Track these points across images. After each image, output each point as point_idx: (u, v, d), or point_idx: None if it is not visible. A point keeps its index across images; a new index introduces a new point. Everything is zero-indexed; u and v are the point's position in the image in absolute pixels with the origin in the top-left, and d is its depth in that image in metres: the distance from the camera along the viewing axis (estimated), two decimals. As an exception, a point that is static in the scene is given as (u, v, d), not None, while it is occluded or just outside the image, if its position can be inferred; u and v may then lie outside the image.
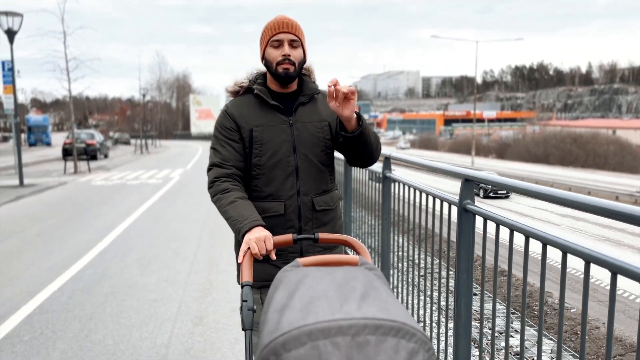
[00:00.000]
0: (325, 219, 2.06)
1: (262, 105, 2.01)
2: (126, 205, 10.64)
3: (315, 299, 1.06)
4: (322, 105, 2.08)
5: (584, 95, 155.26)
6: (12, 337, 3.82)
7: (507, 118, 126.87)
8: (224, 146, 1.99)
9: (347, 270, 1.21)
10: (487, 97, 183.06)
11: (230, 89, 2.11)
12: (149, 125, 49.76)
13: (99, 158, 28.72)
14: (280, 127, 1.99)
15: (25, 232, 7.97)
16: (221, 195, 1.94)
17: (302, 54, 2.00)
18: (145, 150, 40.08)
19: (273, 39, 1.95)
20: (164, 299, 4.67)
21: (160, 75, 77.33)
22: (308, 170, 2.01)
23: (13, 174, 18.34)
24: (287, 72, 1.95)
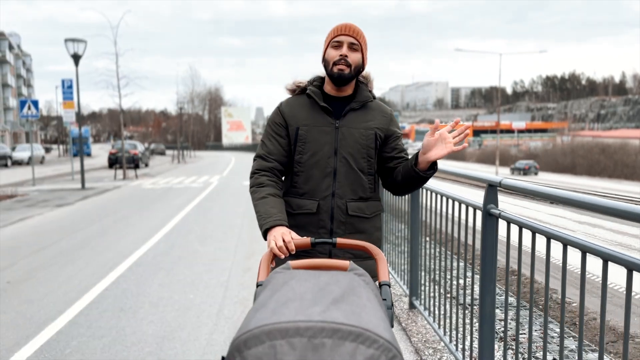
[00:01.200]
0: (360, 227, 2.07)
1: (313, 106, 2.07)
2: (178, 202, 12.57)
3: (290, 300, 1.08)
4: (373, 114, 2.10)
5: (617, 105, 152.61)
6: (120, 281, 5.63)
7: (538, 129, 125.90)
8: (271, 140, 2.09)
9: (333, 274, 1.23)
10: (517, 108, 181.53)
11: (288, 87, 2.18)
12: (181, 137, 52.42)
13: (141, 166, 31.01)
14: (325, 129, 2.05)
15: (103, 221, 9.91)
16: (257, 188, 2.03)
17: (361, 59, 2.04)
18: (182, 159, 42.51)
19: (334, 40, 2.01)
20: (221, 259, 6.43)
21: (193, 88, 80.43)
22: (346, 174, 2.04)
23: (70, 180, 20.61)
24: (341, 73, 1.99)
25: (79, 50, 16.43)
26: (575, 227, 20.39)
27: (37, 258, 6.71)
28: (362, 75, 2.14)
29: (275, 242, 1.79)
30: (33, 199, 13.90)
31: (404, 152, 2.16)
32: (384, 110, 2.15)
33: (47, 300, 4.91)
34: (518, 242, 2.27)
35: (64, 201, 13.18)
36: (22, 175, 24.14)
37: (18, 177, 22.90)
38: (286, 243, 1.79)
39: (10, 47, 72.85)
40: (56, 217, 10.47)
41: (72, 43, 16.27)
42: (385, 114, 2.14)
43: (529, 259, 2.33)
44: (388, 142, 2.13)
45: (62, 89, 21.28)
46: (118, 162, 25.12)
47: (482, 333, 2.75)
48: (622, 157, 58.63)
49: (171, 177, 22.82)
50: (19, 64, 79.56)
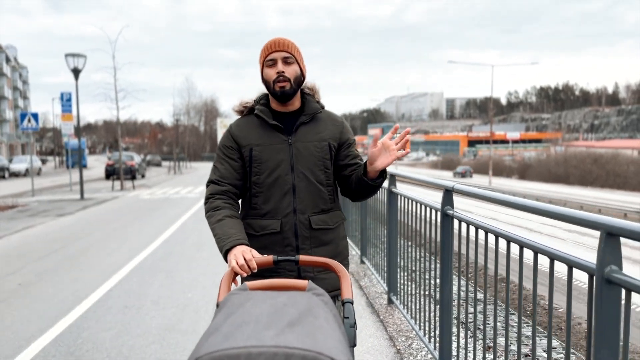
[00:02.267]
0: (325, 239, 2.07)
1: (263, 125, 2.06)
2: (175, 212, 12.99)
3: (244, 324, 1.05)
4: (324, 125, 2.11)
5: (611, 116, 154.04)
6: (123, 283, 6.06)
7: (532, 139, 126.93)
8: (223, 164, 2.07)
9: (291, 295, 1.22)
10: (512, 118, 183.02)
11: (236, 108, 2.16)
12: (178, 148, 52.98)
13: (137, 178, 31.40)
14: (278, 147, 2.03)
15: (103, 229, 10.32)
16: (212, 212, 2.00)
17: (298, 71, 2.03)
18: (178, 170, 42.94)
19: (267, 59, 2.01)
20: (216, 264, 6.86)
21: (189, 100, 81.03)
22: (305, 189, 2.03)
23: (69, 191, 21.01)
24: (283, 89, 1.99)
25: (78, 65, 16.91)
26: (564, 235, 21.02)
27: (43, 263, 7.13)
28: (308, 87, 2.14)
29: (236, 261, 1.76)
30: (34, 209, 14.30)
31: (358, 157, 2.16)
32: (334, 119, 2.16)
33: (57, 299, 5.34)
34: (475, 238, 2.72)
35: (65, 211, 13.59)
36: (20, 187, 24.51)
37: (17, 189, 23.27)
38: (247, 261, 1.77)
39: (7, 60, 73.34)
40: (58, 226, 10.88)
41: (72, 58, 16.76)
42: (336, 123, 2.15)
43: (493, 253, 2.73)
44: (341, 150, 2.13)
45: (61, 102, 21.77)
46: (115, 174, 25.52)
47: (442, 315, 3.21)
48: (614, 167, 59.33)
49: (168, 187, 23.23)
50: (16, 76, 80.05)
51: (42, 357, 3.82)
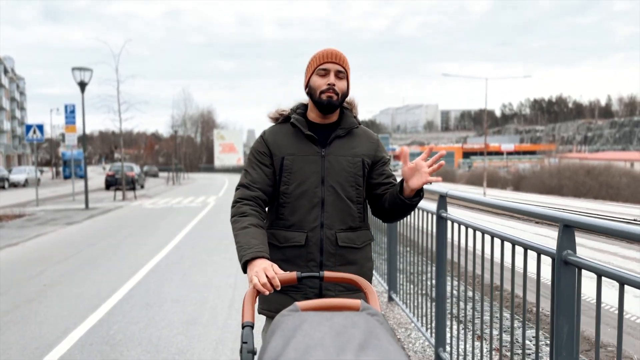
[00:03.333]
0: (350, 258, 2.01)
1: (297, 134, 2.01)
2: (180, 220, 13.45)
3: (311, 347, 1.03)
4: (359, 141, 2.06)
5: (604, 128, 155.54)
6: (142, 283, 6.51)
7: (526, 151, 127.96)
8: (255, 169, 2.02)
9: (347, 316, 1.18)
10: (506, 130, 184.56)
11: (271, 115, 2.12)
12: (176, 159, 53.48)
13: (137, 188, 31.79)
14: (311, 158, 1.98)
15: (114, 236, 10.77)
16: (238, 217, 1.94)
17: (346, 87, 2.01)
18: (176, 181, 43.35)
19: (320, 67, 1.96)
20: (227, 266, 7.31)
21: (186, 111, 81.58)
22: (334, 204, 1.98)
23: (72, 201, 21.40)
24: (330, 100, 1.94)
25: (85, 78, 17.40)
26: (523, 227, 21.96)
27: (63, 266, 7.58)
28: (347, 101, 2.10)
29: (258, 279, 1.67)
30: (42, 218, 14.72)
31: (392, 177, 2.10)
32: (370, 136, 2.12)
33: (83, 298, 5.79)
34: (465, 237, 3.21)
35: (72, 220, 14.01)
36: (22, 197, 24.88)
37: (19, 199, 23.63)
38: (270, 279, 1.67)
39: (5, 71, 73.81)
40: (69, 233, 11.32)
41: (79, 71, 17.26)
42: (372, 140, 2.11)
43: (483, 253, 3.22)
44: (375, 168, 2.08)
45: (65, 114, 22.21)
46: (117, 184, 25.90)
47: (438, 308, 3.69)
48: (607, 179, 60.04)
49: (169, 197, 23.66)
50: (13, 87, 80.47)
51: (80, 345, 4.27)
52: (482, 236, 2.94)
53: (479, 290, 5.11)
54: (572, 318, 2.14)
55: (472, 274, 3.20)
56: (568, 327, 2.15)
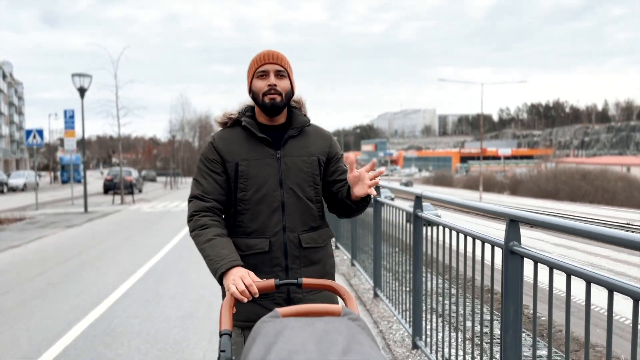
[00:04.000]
0: (314, 258, 1.99)
1: (249, 138, 1.97)
2: (177, 223, 13.75)
3: (293, 353, 1.02)
4: (312, 139, 2.04)
5: (600, 133, 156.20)
6: (140, 282, 6.83)
7: (524, 155, 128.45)
8: (206, 178, 1.96)
9: (328, 321, 1.18)
10: (504, 135, 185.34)
11: (219, 119, 2.06)
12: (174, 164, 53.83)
13: (135, 192, 32.11)
14: (267, 161, 1.95)
15: (113, 238, 11.07)
16: (199, 231, 1.88)
17: (289, 85, 1.98)
18: (174, 185, 43.68)
19: (259, 70, 1.94)
20: (222, 267, 7.64)
21: (184, 116, 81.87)
22: (295, 206, 1.95)
23: (70, 205, 21.68)
24: (273, 102, 1.92)
25: (84, 84, 17.74)
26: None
27: (65, 267, 7.88)
28: (294, 100, 2.06)
29: (236, 286, 1.64)
30: (42, 221, 15.01)
31: (346, 172, 2.08)
32: (322, 133, 2.10)
33: (85, 295, 6.09)
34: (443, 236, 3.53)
35: (72, 223, 14.31)
36: (21, 201, 25.14)
37: (18, 203, 23.90)
38: (248, 286, 1.65)
39: (3, 76, 74.11)
40: (70, 236, 11.62)
41: (79, 77, 17.60)
42: (325, 137, 2.10)
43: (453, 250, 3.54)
44: (330, 165, 2.07)
45: (64, 119, 22.57)
46: (116, 188, 26.20)
47: (415, 300, 4.02)
48: (603, 183, 60.42)
49: (167, 201, 23.96)
50: (12, 92, 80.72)
51: (83, 337, 4.58)
52: (449, 232, 3.28)
53: (453, 283, 5.44)
54: (517, 299, 2.47)
55: (444, 266, 3.52)
56: (514, 308, 2.48)
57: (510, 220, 2.47)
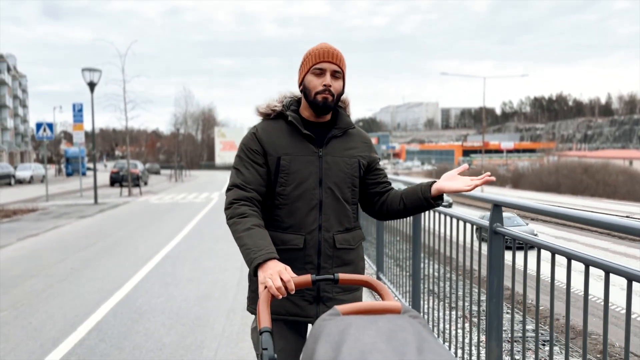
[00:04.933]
0: (346, 259, 1.99)
1: (293, 133, 1.95)
2: (186, 214, 14.22)
3: (366, 353, 0.99)
4: (355, 141, 2.04)
5: (603, 126, 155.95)
6: (158, 267, 7.28)
7: (526, 149, 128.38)
8: (248, 168, 1.94)
9: (390, 319, 1.15)
10: (507, 128, 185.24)
11: (262, 110, 2.02)
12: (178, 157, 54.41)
13: (141, 185, 32.59)
14: (309, 159, 1.93)
15: (126, 228, 11.53)
16: (238, 219, 1.85)
17: (342, 87, 1.96)
18: (178, 178, 44.17)
19: (316, 67, 1.90)
20: (234, 253, 8.07)
21: (187, 109, 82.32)
22: (332, 206, 1.95)
23: (79, 196, 22.16)
24: (325, 102, 1.90)
25: (94, 79, 18.15)
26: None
27: (84, 253, 8.35)
28: (341, 100, 2.04)
29: (272, 282, 1.61)
30: (55, 212, 15.49)
31: (386, 176, 2.14)
32: (364, 137, 2.11)
33: (107, 279, 6.55)
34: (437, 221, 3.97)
35: (85, 213, 14.79)
36: (30, 193, 25.64)
37: (27, 195, 24.40)
38: (285, 282, 1.62)
39: (8, 69, 74.49)
40: (84, 226, 12.10)
41: (89, 72, 18.01)
42: (366, 141, 2.11)
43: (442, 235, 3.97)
44: (372, 169, 2.08)
45: (73, 112, 22.95)
46: (122, 180, 26.66)
47: (414, 282, 4.45)
48: (604, 177, 60.62)
49: (173, 193, 24.43)
50: (16, 84, 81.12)
51: (112, 314, 5.04)
52: (439, 216, 3.71)
53: (447, 266, 5.88)
54: (499, 273, 2.90)
55: (438, 253, 3.95)
56: (497, 281, 2.91)
57: (494, 205, 2.90)
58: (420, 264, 4.43)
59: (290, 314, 1.93)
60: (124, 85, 23.32)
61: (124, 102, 23.52)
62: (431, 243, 4.07)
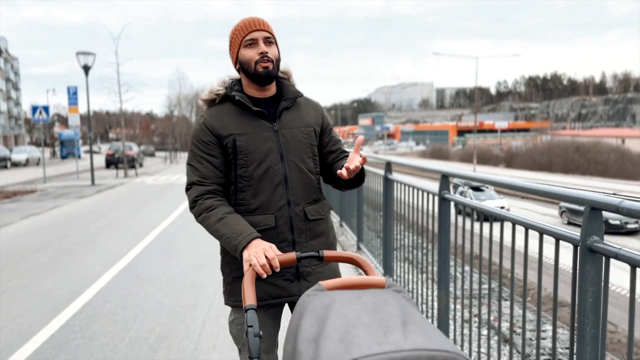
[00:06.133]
0: (318, 230, 1.98)
1: (243, 112, 1.91)
2: (181, 194, 14.65)
3: (351, 327, 0.98)
4: (306, 110, 2.01)
5: (597, 105, 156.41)
6: (157, 241, 7.79)
7: (520, 128, 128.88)
8: (202, 162, 1.89)
9: (375, 293, 1.15)
10: (501, 108, 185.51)
11: (206, 96, 1.97)
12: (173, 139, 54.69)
13: (136, 167, 33.02)
14: (265, 135, 1.89)
15: (124, 207, 12.03)
16: (207, 213, 1.82)
17: (278, 52, 1.92)
18: (173, 160, 44.58)
19: (247, 39, 1.87)
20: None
21: (180, 91, 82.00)
22: (297, 179, 1.92)
23: (76, 178, 22.59)
24: (267, 70, 1.85)
25: (88, 62, 18.45)
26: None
27: (85, 230, 8.85)
28: (281, 71, 2.01)
29: (257, 260, 1.60)
30: (53, 193, 15.94)
31: (339, 143, 2.12)
32: (314, 104, 2.09)
33: (108, 251, 7.06)
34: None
35: (83, 194, 15.26)
36: (26, 175, 26.02)
37: (24, 177, 24.79)
38: (270, 260, 1.62)
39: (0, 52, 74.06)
40: (83, 205, 12.58)
41: (83, 55, 18.30)
42: (317, 108, 2.08)
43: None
44: (324, 136, 2.06)
45: (68, 95, 23.23)
46: (118, 162, 27.06)
47: (386, 247, 4.98)
48: (595, 155, 61.27)
49: (168, 174, 24.89)
50: (8, 67, 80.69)
51: (115, 280, 5.56)
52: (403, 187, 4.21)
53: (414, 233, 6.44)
54: (447, 233, 3.41)
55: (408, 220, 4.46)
56: (445, 239, 3.42)
57: (442, 175, 3.41)
58: (392, 231, 4.96)
59: (274, 297, 1.90)
60: (117, 68, 23.59)
61: (118, 84, 23.79)
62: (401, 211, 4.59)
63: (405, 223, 4.60)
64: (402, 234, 4.76)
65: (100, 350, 3.72)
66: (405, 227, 4.66)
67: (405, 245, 4.74)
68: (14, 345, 3.86)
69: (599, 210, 1.83)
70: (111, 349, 3.73)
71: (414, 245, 4.45)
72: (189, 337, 3.95)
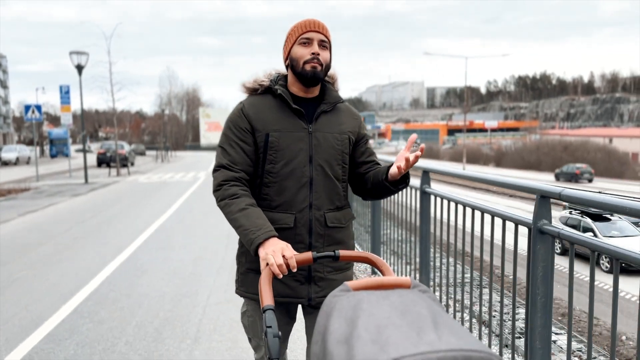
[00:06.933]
0: (337, 237, 1.95)
1: (282, 108, 1.91)
2: (175, 192, 14.99)
3: (382, 328, 0.96)
4: (344, 116, 2.01)
5: (586, 105, 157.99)
6: (155, 234, 8.09)
7: (510, 127, 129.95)
8: (234, 147, 1.90)
9: (401, 293, 1.13)
10: (491, 107, 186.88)
11: (249, 85, 1.97)
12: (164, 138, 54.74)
13: (127, 165, 33.17)
14: (298, 135, 1.89)
15: (119, 204, 12.29)
16: (230, 200, 1.82)
17: (329, 58, 1.92)
18: (164, 159, 44.70)
19: (303, 37, 1.87)
20: (222, 224, 8.90)
21: (171, 89, 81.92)
22: (322, 184, 1.91)
23: (69, 177, 22.74)
24: (314, 70, 1.86)
25: (81, 62, 18.64)
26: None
27: (84, 226, 9.12)
28: (328, 74, 2.00)
29: (274, 259, 1.60)
30: (48, 191, 16.14)
31: (374, 155, 2.10)
32: (354, 113, 2.09)
33: (109, 246, 7.35)
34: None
35: (77, 192, 15.48)
36: (18, 174, 26.10)
37: (17, 176, 24.88)
38: (287, 259, 1.61)
39: (-12, 50, 73.46)
40: (79, 203, 12.83)
41: (76, 55, 18.49)
42: (356, 117, 2.08)
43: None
44: (359, 146, 2.05)
45: (60, 94, 23.41)
46: (111, 161, 27.23)
47: (373, 239, 5.33)
48: (583, 154, 62.18)
49: (161, 173, 25.12)
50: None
51: (117, 272, 5.86)
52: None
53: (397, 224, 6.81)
54: (427, 223, 3.77)
55: (395, 215, 4.81)
56: (425, 228, 3.78)
57: (423, 171, 3.76)
58: (380, 225, 5.31)
59: (282, 296, 1.91)
60: (110, 67, 23.75)
61: (110, 83, 23.96)
62: (387, 207, 4.93)
63: (393, 219, 4.95)
64: (390, 229, 5.11)
65: (110, 332, 4.03)
66: (392, 223, 5.01)
67: (393, 239, 5.09)
68: (28, 329, 4.16)
69: (546, 198, 2.16)
70: (120, 331, 4.05)
71: (400, 239, 4.81)
72: (191, 321, 4.28)
